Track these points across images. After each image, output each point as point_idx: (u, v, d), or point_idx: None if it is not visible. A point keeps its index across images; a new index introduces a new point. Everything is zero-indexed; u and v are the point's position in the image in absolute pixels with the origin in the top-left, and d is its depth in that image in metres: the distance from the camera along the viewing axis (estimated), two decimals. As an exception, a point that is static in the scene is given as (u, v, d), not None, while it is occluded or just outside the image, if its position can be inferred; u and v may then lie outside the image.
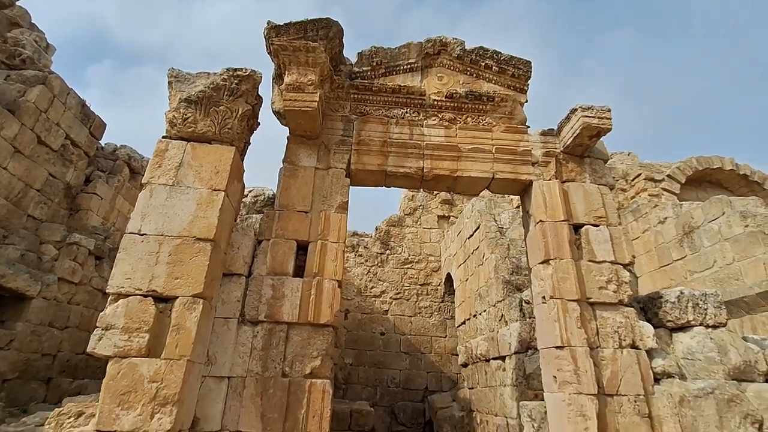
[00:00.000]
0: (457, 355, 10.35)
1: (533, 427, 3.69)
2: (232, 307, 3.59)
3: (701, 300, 3.91)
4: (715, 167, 10.97)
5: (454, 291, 10.84)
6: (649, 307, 4.12)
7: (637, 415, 3.36)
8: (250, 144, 4.28)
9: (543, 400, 3.95)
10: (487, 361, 7.61)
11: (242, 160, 4.12)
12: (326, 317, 3.59)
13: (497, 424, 6.60)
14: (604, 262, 3.92)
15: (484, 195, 12.68)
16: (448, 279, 11.33)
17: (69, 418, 3.03)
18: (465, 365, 9.30)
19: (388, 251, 12.41)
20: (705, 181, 11.19)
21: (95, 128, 9.32)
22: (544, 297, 3.89)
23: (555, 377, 3.55)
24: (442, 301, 11.67)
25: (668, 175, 10.50)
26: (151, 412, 2.79)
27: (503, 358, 6.85)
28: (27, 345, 6.60)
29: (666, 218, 9.04)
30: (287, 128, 4.33)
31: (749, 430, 3.37)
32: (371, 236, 12.64)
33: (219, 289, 3.61)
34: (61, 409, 3.08)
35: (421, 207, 12.92)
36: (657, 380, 3.57)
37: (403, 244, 12.48)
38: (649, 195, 10.19)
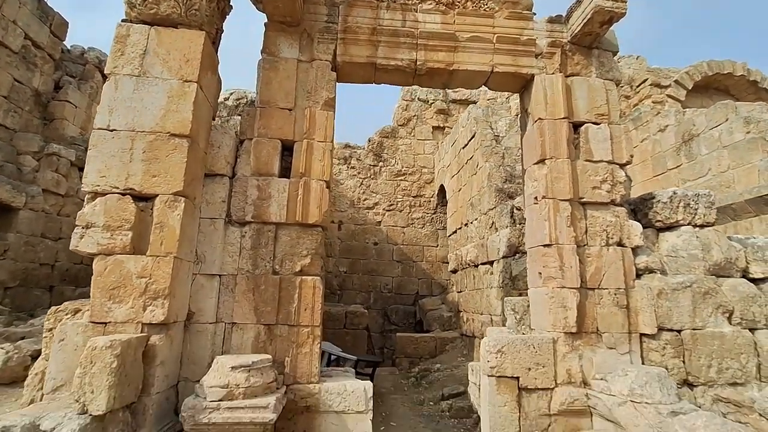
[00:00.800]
0: (447, 263, 10.77)
1: (515, 318, 3.89)
2: (217, 207, 3.51)
3: (693, 200, 3.88)
4: (725, 72, 10.39)
5: (446, 202, 10.91)
6: (639, 208, 4.10)
7: (615, 306, 3.51)
8: (222, 31, 3.83)
9: (527, 296, 4.11)
10: (476, 266, 7.91)
11: (216, 50, 3.72)
12: (314, 217, 3.53)
13: (482, 321, 7.07)
14: (601, 161, 3.79)
15: (481, 102, 12.11)
16: (441, 191, 11.33)
17: (66, 314, 3.10)
18: (454, 271, 9.72)
19: (381, 163, 12.21)
20: (712, 88, 10.67)
21: (56, 27, 8.41)
22: (536, 198, 3.83)
23: (540, 273, 3.64)
24: (435, 213, 11.81)
25: (675, 81, 9.97)
26: (142, 305, 2.84)
27: (491, 263, 7.10)
28: (22, 255, 6.68)
29: (666, 126, 8.77)
30: (265, 15, 3.84)
31: (719, 318, 3.57)
32: (364, 148, 12.33)
33: (202, 189, 3.49)
34: (59, 307, 3.14)
35: (415, 117, 12.42)
36: (639, 275, 3.67)
37: (396, 156, 12.24)
38: (653, 102, 9.78)
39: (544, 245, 3.63)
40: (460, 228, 9.49)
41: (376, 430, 4.46)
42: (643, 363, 3.47)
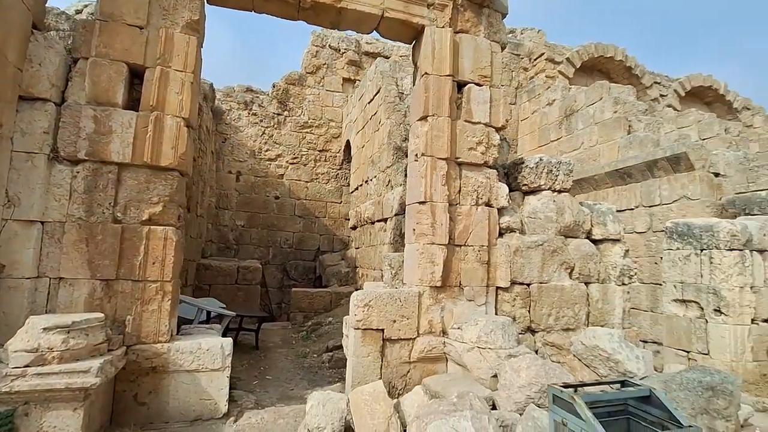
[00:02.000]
0: (349, 219, 10.79)
1: (391, 273, 3.98)
2: (37, 139, 2.86)
3: (555, 167, 4.21)
4: (608, 56, 11.47)
5: (351, 158, 10.74)
6: (511, 172, 4.35)
7: (478, 262, 3.74)
8: None
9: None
10: (373, 223, 8.00)
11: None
12: (168, 159, 3.08)
13: (374, 276, 7.25)
14: (479, 123, 3.88)
15: (393, 57, 11.78)
16: (348, 146, 11.08)
17: None
18: (354, 228, 9.76)
19: (286, 113, 11.45)
20: (596, 69, 11.76)
21: None
22: (416, 155, 3.81)
23: (414, 230, 3.70)
24: (340, 168, 11.58)
25: (567, 59, 10.74)
26: None
27: (385, 220, 7.21)
28: None
29: (554, 100, 9.50)
30: None
31: (562, 273, 4.02)
32: (268, 94, 11.41)
33: (13, 115, 2.80)
34: None
35: (325, 66, 11.73)
36: (502, 234, 3.94)
37: (303, 106, 11.56)
38: (546, 76, 10.46)
39: (419, 202, 3.67)
40: (361, 185, 9.45)
41: (249, 384, 4.38)
42: (496, 313, 3.80)
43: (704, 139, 9.70)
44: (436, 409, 2.39)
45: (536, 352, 3.71)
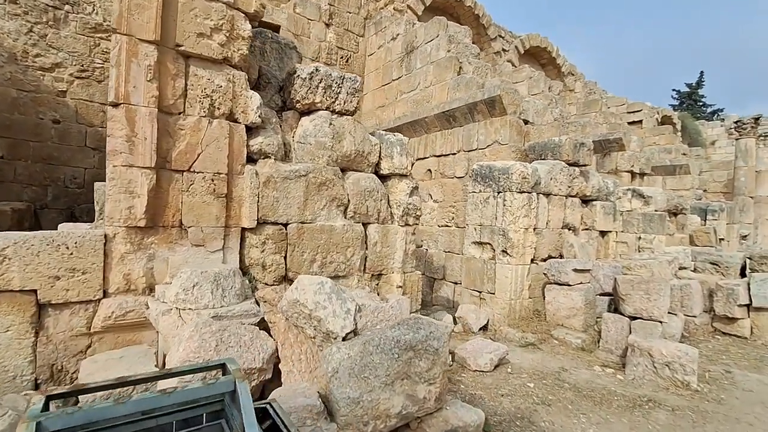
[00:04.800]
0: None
1: (97, 208, 2.79)
2: None
3: (336, 82, 3.40)
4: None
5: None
6: (286, 86, 3.42)
7: (210, 194, 2.79)
8: None
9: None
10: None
11: None
12: None
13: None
14: (218, 1, 2.76)
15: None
16: (158, 62, 8.82)
17: None
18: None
19: (68, 6, 8.53)
20: (447, 12, 11.45)
21: None
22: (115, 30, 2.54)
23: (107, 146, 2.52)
24: (151, 91, 9.29)
25: (417, -7, 10.07)
26: None
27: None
28: None
29: (398, 35, 8.83)
30: None
31: (333, 211, 3.35)
32: (35, -25, 8.26)
33: None
34: None
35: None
36: (254, 160, 3.03)
37: (96, 2, 8.74)
38: (395, 9, 9.68)
39: (112, 104, 2.48)
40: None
41: None
42: (242, 261, 2.97)
43: (533, 95, 10.23)
44: None
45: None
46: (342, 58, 9.42)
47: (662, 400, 2.95)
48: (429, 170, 7.61)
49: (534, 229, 5.12)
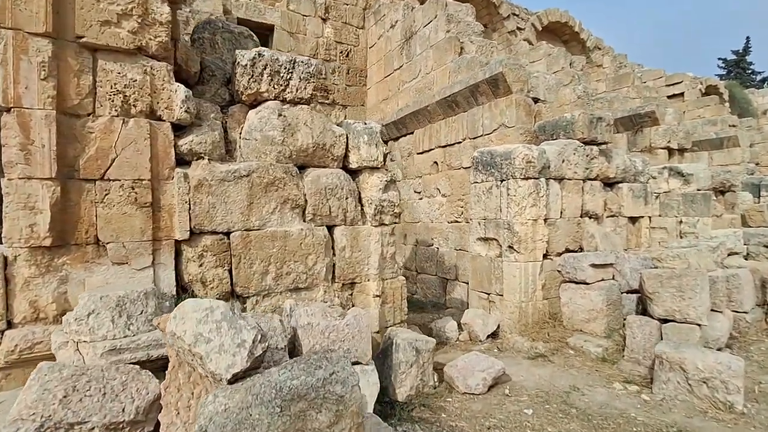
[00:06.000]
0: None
1: None
2: None
3: (285, 67, 2.98)
4: (464, -20, 10.47)
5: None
6: (233, 78, 3.04)
7: (132, 204, 2.44)
8: None
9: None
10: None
11: None
12: None
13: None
14: (125, -17, 2.41)
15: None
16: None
17: None
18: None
19: None
20: (454, -6, 10.75)
21: None
22: None
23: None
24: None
25: (417, -24, 9.48)
26: None
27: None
28: None
29: (396, 22, 8.32)
30: None
31: (287, 215, 2.93)
32: None
33: None
34: None
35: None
36: (187, 162, 2.67)
37: None
38: (393, -5, 9.15)
39: (3, 109, 2.19)
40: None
41: None
42: (179, 277, 2.61)
43: (553, 73, 9.39)
44: None
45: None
46: (341, 53, 9.03)
47: (698, 430, 2.31)
48: (435, 163, 7.05)
49: (545, 220, 4.47)
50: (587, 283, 3.89)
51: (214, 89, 3.11)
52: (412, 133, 7.70)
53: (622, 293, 3.99)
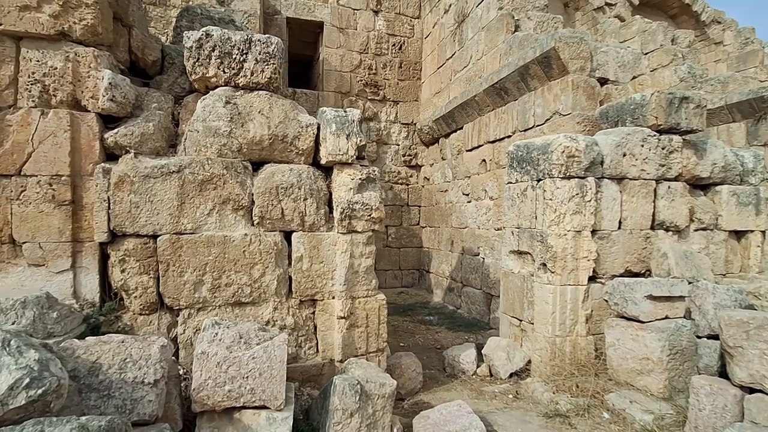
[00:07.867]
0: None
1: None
2: None
3: (238, 48, 2.59)
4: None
5: None
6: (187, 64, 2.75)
7: (49, 202, 2.26)
8: None
9: None
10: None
11: None
12: None
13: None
14: (47, -37, 2.23)
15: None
16: None
17: None
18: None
19: None
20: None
21: None
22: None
23: (-67, 152, 2.20)
24: None
25: (481, -44, 8.55)
26: None
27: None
28: None
29: (450, 5, 7.54)
30: None
31: (228, 217, 2.53)
32: None
33: None
34: None
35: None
36: (116, 156, 2.42)
37: None
38: (452, -21, 8.36)
39: (-76, 103, 2.14)
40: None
41: None
42: (103, 283, 2.38)
43: (647, 53, 7.78)
44: None
45: (174, 340, 2.33)
46: (394, 45, 8.53)
47: None
48: (483, 161, 6.18)
49: (593, 231, 3.45)
50: (641, 321, 2.84)
51: (172, 78, 2.86)
52: (461, 128, 6.91)
53: (699, 338, 2.85)
